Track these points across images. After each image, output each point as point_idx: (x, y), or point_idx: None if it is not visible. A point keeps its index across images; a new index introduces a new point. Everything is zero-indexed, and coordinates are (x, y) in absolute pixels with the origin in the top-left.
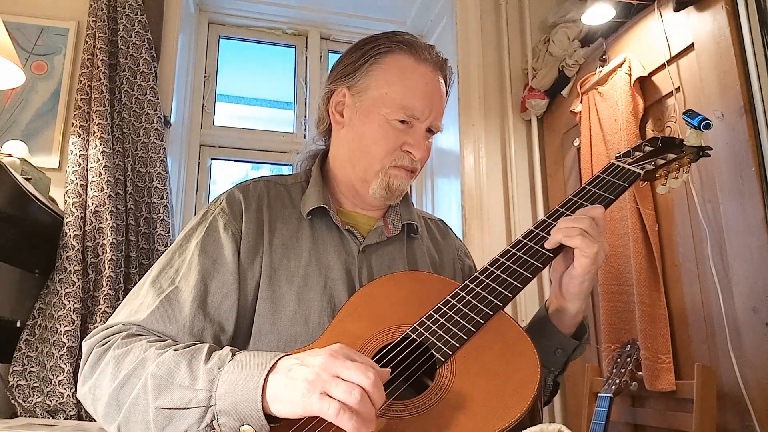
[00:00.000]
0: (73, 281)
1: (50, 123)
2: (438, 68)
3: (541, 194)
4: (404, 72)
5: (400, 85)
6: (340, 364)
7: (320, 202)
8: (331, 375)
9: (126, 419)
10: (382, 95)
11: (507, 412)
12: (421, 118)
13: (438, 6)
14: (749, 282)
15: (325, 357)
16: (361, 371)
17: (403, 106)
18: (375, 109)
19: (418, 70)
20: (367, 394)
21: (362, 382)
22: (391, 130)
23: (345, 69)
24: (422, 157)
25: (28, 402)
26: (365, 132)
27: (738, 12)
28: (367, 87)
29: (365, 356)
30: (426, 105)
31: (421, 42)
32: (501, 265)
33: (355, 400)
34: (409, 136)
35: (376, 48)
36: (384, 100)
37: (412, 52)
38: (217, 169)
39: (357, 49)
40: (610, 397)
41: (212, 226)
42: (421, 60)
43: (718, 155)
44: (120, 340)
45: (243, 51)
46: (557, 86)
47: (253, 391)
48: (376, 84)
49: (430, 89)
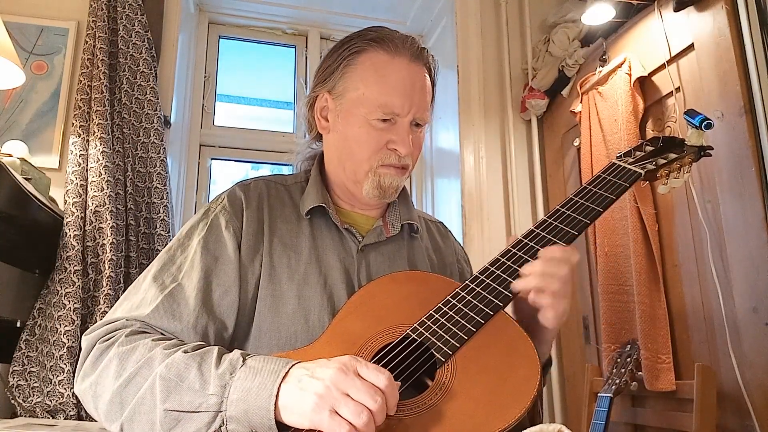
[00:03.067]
0: (73, 281)
1: (50, 123)
2: (415, 59)
3: (541, 194)
4: (378, 69)
5: (375, 83)
6: (351, 383)
7: (319, 201)
8: (341, 393)
9: (130, 418)
10: (359, 96)
11: (507, 411)
12: (402, 114)
13: (438, 6)
14: (749, 282)
15: (335, 371)
16: (370, 395)
17: (380, 104)
18: (354, 111)
19: (392, 65)
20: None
21: (371, 406)
22: (372, 131)
23: (323, 74)
24: (408, 152)
25: (28, 402)
26: (348, 134)
27: (738, 12)
28: (345, 89)
29: (375, 366)
30: (405, 99)
31: (396, 34)
32: (501, 265)
33: (362, 423)
34: (392, 133)
35: (349, 48)
36: (362, 101)
37: (385, 47)
38: (217, 169)
39: (333, 52)
40: (610, 397)
41: (214, 223)
42: (395, 54)
43: (718, 155)
44: (124, 337)
45: (243, 51)
46: (557, 86)
47: (267, 400)
48: (353, 85)
49: (407, 82)
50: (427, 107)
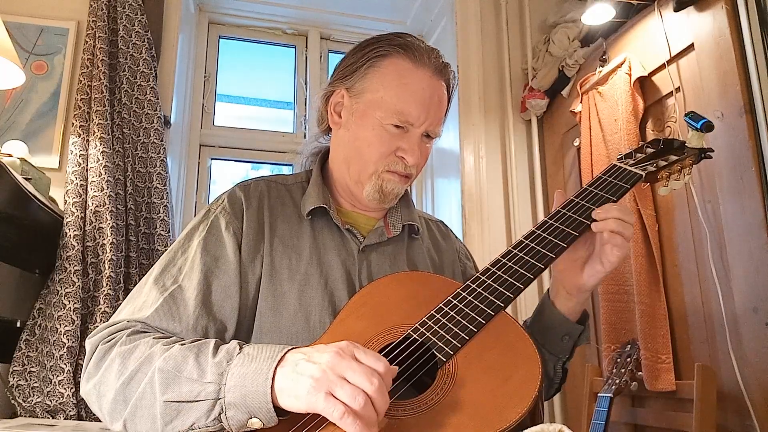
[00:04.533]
0: (73, 281)
1: (50, 123)
2: (437, 73)
3: (541, 194)
4: (401, 76)
5: (395, 89)
6: (347, 365)
7: (320, 202)
8: (337, 375)
9: (132, 414)
10: (377, 98)
11: (508, 412)
12: (416, 124)
13: (438, 6)
14: (749, 282)
15: (332, 355)
16: (366, 377)
17: (397, 110)
18: (370, 112)
19: (415, 75)
20: (371, 400)
21: (367, 389)
22: (385, 135)
23: (344, 70)
24: (416, 162)
25: (28, 402)
26: (360, 134)
27: (738, 12)
28: (364, 89)
29: (372, 352)
30: (421, 111)
31: (422, 45)
32: (503, 266)
33: (359, 406)
34: (403, 141)
35: (375, 50)
36: (379, 104)
37: (410, 55)
38: (217, 169)
39: (358, 51)
40: (610, 397)
41: (214, 224)
42: (420, 64)
43: (718, 155)
44: (125, 337)
45: (243, 51)
46: (557, 86)
47: (263, 384)
48: (373, 87)
49: (426, 94)
50: (441, 122)
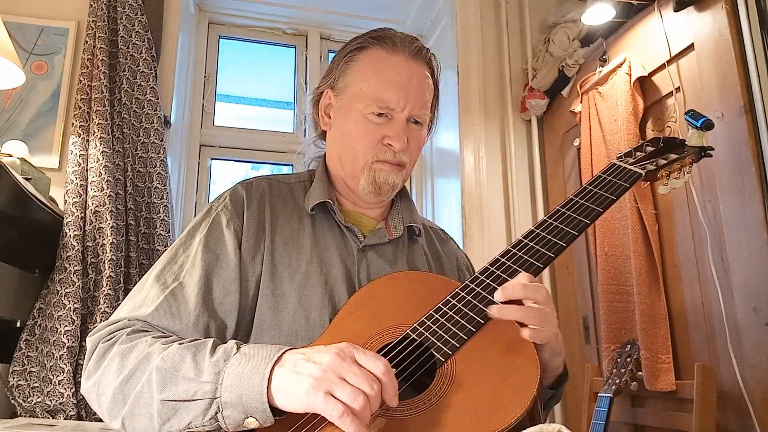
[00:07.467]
0: (73, 281)
1: (50, 123)
2: (413, 56)
3: (541, 194)
4: (376, 65)
5: (372, 78)
6: (347, 368)
7: (325, 197)
8: (337, 377)
9: (130, 412)
10: (357, 91)
11: (507, 412)
12: (397, 109)
13: (438, 6)
14: (749, 282)
15: (332, 356)
16: (367, 380)
17: (375, 98)
18: (353, 106)
19: (390, 61)
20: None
21: (367, 391)
22: (369, 125)
23: (328, 71)
24: (402, 148)
25: (28, 402)
26: (346, 129)
27: (738, 12)
28: (346, 85)
29: (372, 353)
30: (400, 94)
31: (398, 34)
32: (501, 265)
33: (358, 406)
34: (388, 128)
35: (351, 45)
36: (359, 96)
37: (384, 44)
38: (217, 169)
39: (339, 51)
40: (610, 397)
41: (215, 222)
42: (394, 51)
43: (718, 155)
44: (125, 336)
45: (243, 51)
46: (557, 86)
47: (259, 383)
48: (352, 81)
49: (404, 78)
50: (425, 104)
